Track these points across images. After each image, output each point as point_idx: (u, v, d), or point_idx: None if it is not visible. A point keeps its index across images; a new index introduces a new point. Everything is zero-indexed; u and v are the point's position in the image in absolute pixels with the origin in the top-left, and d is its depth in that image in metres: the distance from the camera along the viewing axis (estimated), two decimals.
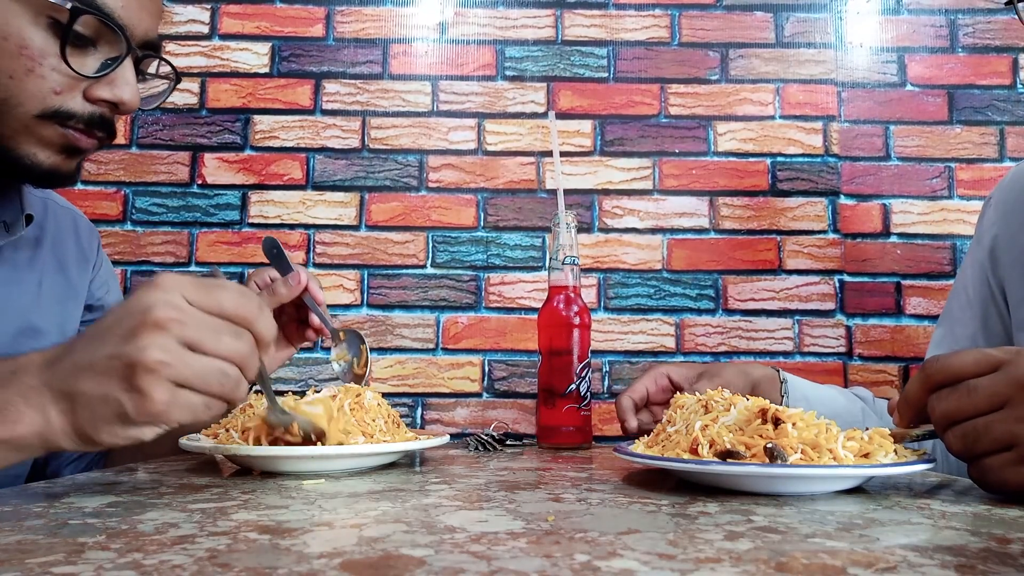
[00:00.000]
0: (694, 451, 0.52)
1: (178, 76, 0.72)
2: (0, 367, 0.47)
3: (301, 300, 0.82)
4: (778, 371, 0.85)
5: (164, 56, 0.69)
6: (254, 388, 0.75)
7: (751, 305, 1.15)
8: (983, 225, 0.87)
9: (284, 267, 0.83)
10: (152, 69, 0.70)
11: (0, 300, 0.73)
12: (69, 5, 0.59)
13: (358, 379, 0.85)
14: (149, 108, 0.70)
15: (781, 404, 0.82)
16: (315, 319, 0.84)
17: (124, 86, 0.63)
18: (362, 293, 1.16)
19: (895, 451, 0.53)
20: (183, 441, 0.66)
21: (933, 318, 1.14)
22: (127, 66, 0.63)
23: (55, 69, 0.60)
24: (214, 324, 0.47)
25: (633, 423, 0.85)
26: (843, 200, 1.18)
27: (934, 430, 0.54)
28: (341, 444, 0.62)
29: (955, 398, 0.50)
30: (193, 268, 1.16)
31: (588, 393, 0.92)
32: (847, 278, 1.16)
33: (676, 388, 0.86)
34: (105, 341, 0.45)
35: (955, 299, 0.90)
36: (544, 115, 1.20)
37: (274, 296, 0.80)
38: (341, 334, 0.87)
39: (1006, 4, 0.72)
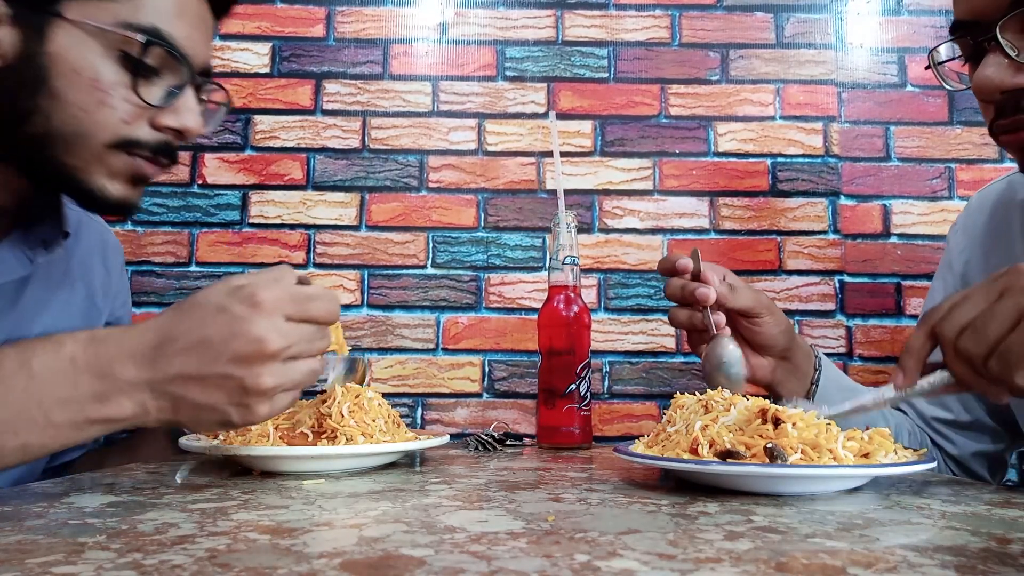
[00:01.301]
0: (694, 451, 0.52)
1: (230, 99, 0.74)
2: (84, 350, 0.48)
3: None
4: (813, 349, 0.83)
5: (218, 83, 0.72)
6: None
7: None
8: (952, 251, 0.89)
9: None
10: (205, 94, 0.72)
11: (31, 316, 0.73)
12: (141, 38, 0.61)
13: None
14: (208, 130, 0.71)
15: (814, 378, 0.80)
16: None
17: (188, 113, 0.65)
18: (362, 293, 1.16)
19: (895, 451, 0.53)
20: (183, 441, 0.66)
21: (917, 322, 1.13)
22: (190, 94, 0.66)
23: (125, 100, 0.61)
24: (309, 334, 0.52)
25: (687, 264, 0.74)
26: (843, 200, 1.18)
27: (941, 369, 0.56)
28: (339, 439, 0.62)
29: (958, 310, 0.53)
30: (193, 268, 1.16)
31: (588, 393, 0.92)
32: (847, 279, 1.16)
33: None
34: (214, 357, 0.49)
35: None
36: (544, 115, 1.20)
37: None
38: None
39: (925, 68, 0.74)
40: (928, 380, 0.57)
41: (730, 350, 0.71)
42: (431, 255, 1.17)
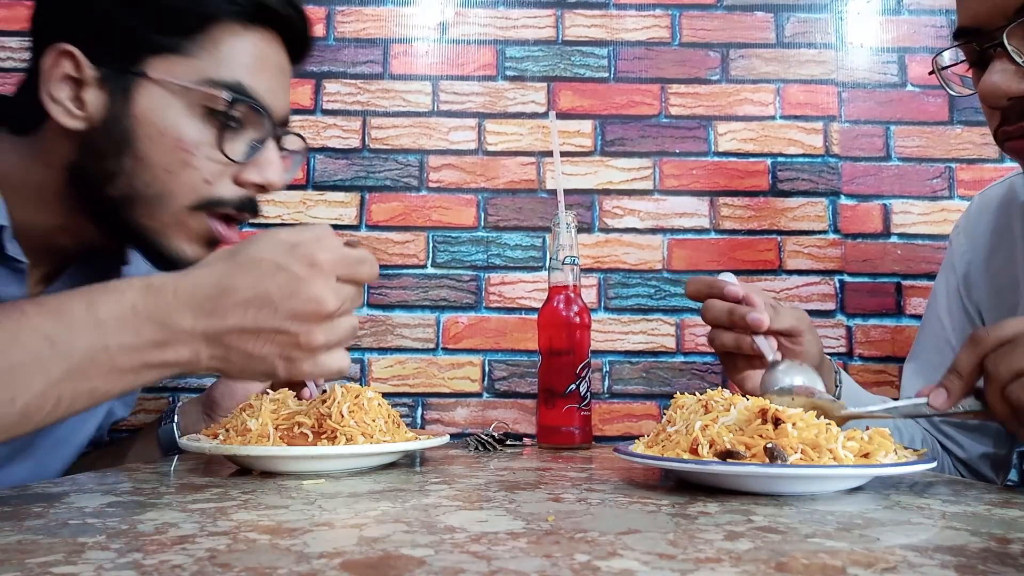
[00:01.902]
0: (694, 451, 0.52)
1: (307, 146, 0.76)
2: (143, 299, 0.49)
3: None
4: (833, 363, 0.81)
5: (296, 131, 0.73)
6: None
7: None
8: (954, 253, 0.89)
9: None
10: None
11: None
12: (225, 95, 0.62)
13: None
14: (283, 184, 0.72)
15: (836, 392, 0.77)
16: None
17: (270, 167, 0.66)
18: (362, 293, 1.16)
19: (895, 451, 0.53)
20: (183, 441, 0.66)
21: (920, 322, 1.13)
22: (272, 147, 0.67)
23: (208, 158, 0.62)
24: (354, 295, 0.54)
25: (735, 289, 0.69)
26: (843, 200, 1.18)
27: (979, 403, 0.54)
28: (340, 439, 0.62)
29: (1019, 351, 0.50)
30: None
31: (588, 393, 0.92)
32: (847, 278, 1.16)
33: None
34: (272, 312, 0.50)
35: (928, 329, 0.91)
36: (544, 115, 1.20)
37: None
38: None
39: (929, 73, 0.73)
40: (964, 405, 0.55)
41: (790, 373, 0.65)
42: (431, 255, 1.17)
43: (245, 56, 0.64)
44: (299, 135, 0.73)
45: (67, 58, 0.61)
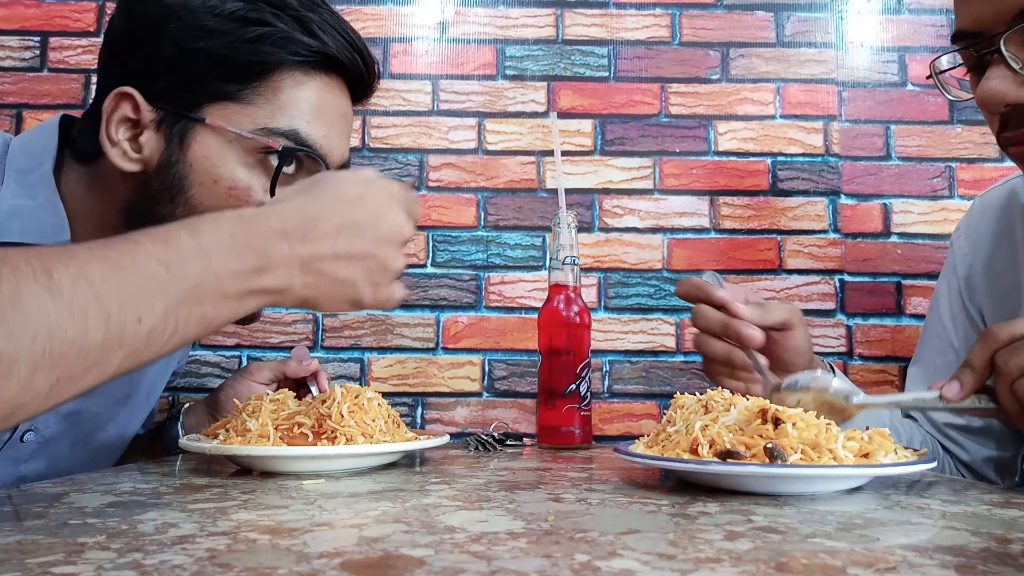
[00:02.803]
0: (694, 451, 0.52)
1: None
2: (238, 227, 0.49)
3: (304, 379, 0.89)
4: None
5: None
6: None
7: None
8: (956, 255, 0.89)
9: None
10: None
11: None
12: (280, 144, 0.62)
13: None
14: None
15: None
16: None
17: None
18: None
19: (895, 451, 0.53)
20: (183, 441, 0.66)
21: (923, 324, 1.13)
22: None
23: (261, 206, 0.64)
24: (412, 229, 0.57)
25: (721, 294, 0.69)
26: (843, 200, 1.18)
27: (992, 396, 0.55)
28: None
29: None
30: None
31: (588, 393, 0.92)
32: (847, 278, 1.16)
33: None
34: (362, 238, 0.53)
35: (931, 332, 0.91)
36: (544, 115, 1.20)
37: (285, 366, 0.88)
38: None
39: (927, 77, 0.73)
40: (974, 400, 0.56)
41: (825, 381, 0.63)
42: (431, 254, 1.17)
43: (304, 104, 0.64)
44: None
45: (127, 100, 0.62)
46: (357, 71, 0.69)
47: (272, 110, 0.63)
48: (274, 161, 0.63)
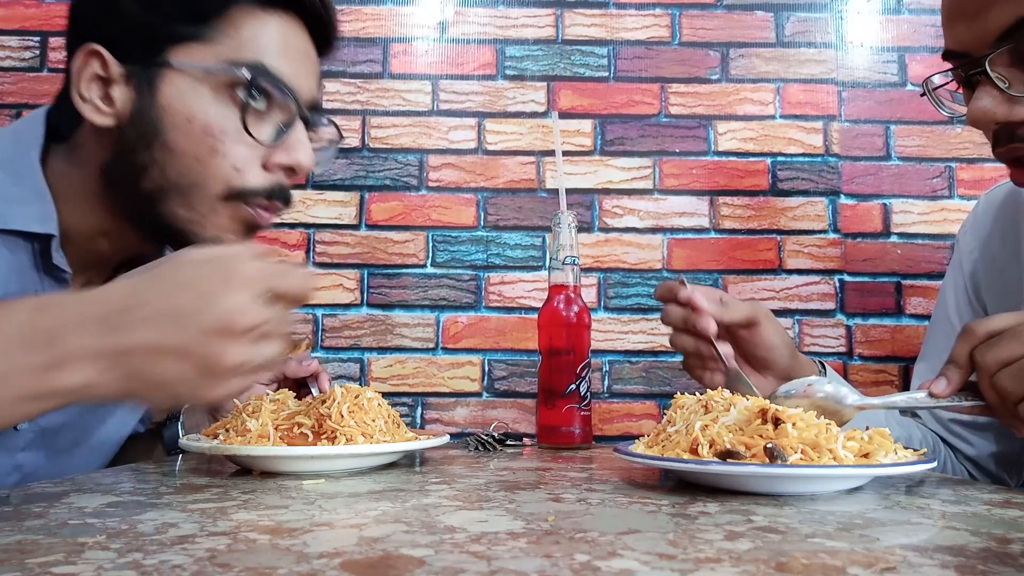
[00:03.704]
0: (694, 451, 0.52)
1: (341, 135, 0.74)
2: (31, 317, 0.45)
3: (305, 380, 0.88)
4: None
5: (330, 118, 0.72)
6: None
7: None
8: (961, 252, 0.90)
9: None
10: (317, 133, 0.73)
11: None
12: (247, 74, 0.62)
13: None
14: (320, 170, 0.71)
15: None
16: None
17: (299, 148, 0.65)
18: (362, 292, 1.16)
19: (895, 451, 0.53)
20: (183, 441, 0.66)
21: (930, 322, 1.13)
22: (300, 128, 0.66)
23: (236, 143, 0.62)
24: (279, 315, 0.49)
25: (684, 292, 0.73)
26: (843, 200, 1.18)
27: (976, 393, 0.56)
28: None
29: (1005, 342, 0.53)
30: None
31: (588, 393, 0.92)
32: (847, 278, 1.16)
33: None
34: (181, 328, 0.46)
35: (938, 328, 0.91)
36: (544, 115, 1.20)
37: (285, 365, 0.87)
38: None
39: (921, 95, 0.74)
40: (960, 396, 0.58)
41: (747, 383, 0.70)
42: (431, 254, 1.17)
43: (266, 39, 0.64)
44: (333, 123, 0.73)
45: (95, 57, 0.62)
46: (315, 11, 0.68)
47: (236, 45, 0.63)
48: (243, 97, 0.62)
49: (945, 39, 0.67)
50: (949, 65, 0.68)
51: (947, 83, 0.71)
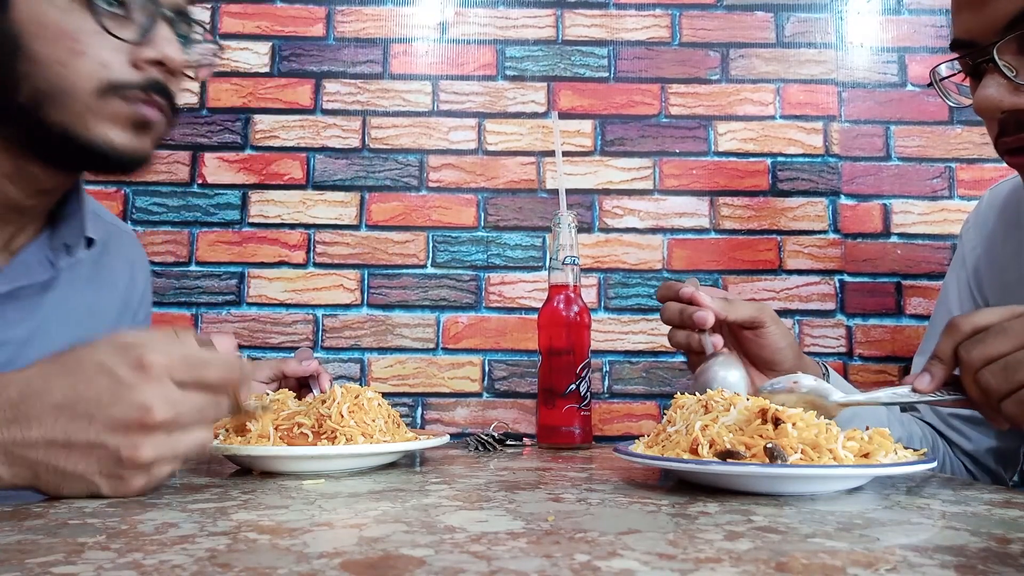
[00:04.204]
0: (694, 451, 0.52)
1: (219, 44, 0.71)
2: None
3: (306, 380, 0.88)
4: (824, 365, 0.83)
5: (199, 21, 0.69)
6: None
7: None
8: (964, 247, 0.90)
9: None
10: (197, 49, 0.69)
11: (52, 321, 0.72)
12: None
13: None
14: (201, 78, 0.69)
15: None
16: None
17: (165, 43, 0.62)
18: (362, 293, 1.16)
19: (895, 451, 0.53)
20: None
21: (931, 316, 1.13)
22: (163, 24, 0.63)
23: (98, 44, 0.60)
24: (200, 403, 0.48)
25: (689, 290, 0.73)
26: (843, 200, 1.18)
27: (960, 388, 0.56)
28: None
29: (990, 339, 0.53)
30: (193, 267, 1.16)
31: (588, 393, 0.92)
32: (847, 278, 1.16)
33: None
34: (87, 421, 0.44)
35: (939, 323, 0.91)
36: (544, 115, 1.20)
37: (284, 364, 0.87)
38: None
39: (927, 84, 0.74)
40: (944, 391, 0.58)
41: (726, 366, 0.71)
42: (431, 255, 1.17)
43: None
44: (203, 26, 0.70)
45: None
46: None
47: None
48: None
49: (953, 28, 0.68)
50: (956, 55, 0.68)
51: (954, 74, 0.71)
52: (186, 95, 1.19)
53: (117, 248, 0.83)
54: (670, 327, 0.76)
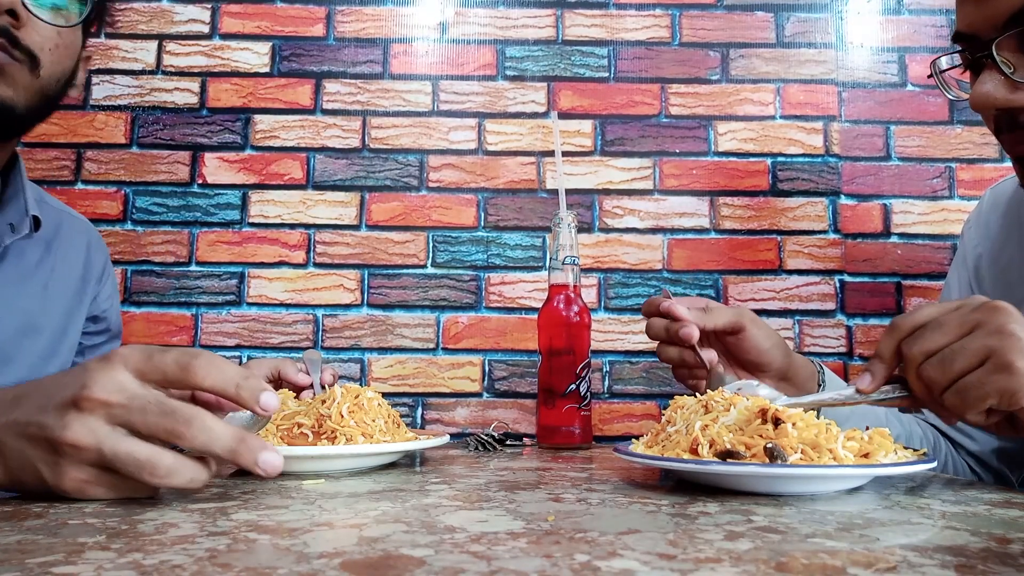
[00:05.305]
0: (694, 451, 0.52)
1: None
2: None
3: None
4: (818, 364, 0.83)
5: None
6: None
7: (751, 305, 1.15)
8: (966, 245, 0.90)
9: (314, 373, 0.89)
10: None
11: (5, 296, 0.74)
12: None
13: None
14: (65, 24, 0.66)
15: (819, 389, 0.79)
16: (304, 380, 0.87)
17: None
18: (362, 293, 1.16)
19: (895, 451, 0.53)
20: None
21: None
22: None
23: None
24: (162, 405, 0.43)
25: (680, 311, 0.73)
26: (843, 200, 1.18)
27: (903, 386, 0.57)
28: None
29: (928, 334, 0.54)
30: (193, 267, 1.16)
31: (588, 393, 0.92)
32: (847, 278, 1.16)
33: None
34: (43, 403, 0.43)
35: None
36: (544, 115, 1.20)
37: (283, 364, 0.86)
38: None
39: (928, 76, 0.74)
40: (888, 389, 0.58)
41: (750, 388, 0.72)
42: (431, 255, 1.17)
43: None
44: None
45: None
46: None
47: None
48: None
49: (957, 19, 0.67)
50: (958, 47, 0.68)
51: (954, 67, 0.72)
52: (184, 95, 1.19)
53: (70, 231, 0.85)
54: (658, 343, 0.77)
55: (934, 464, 0.52)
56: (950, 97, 0.73)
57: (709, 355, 0.74)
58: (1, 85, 0.63)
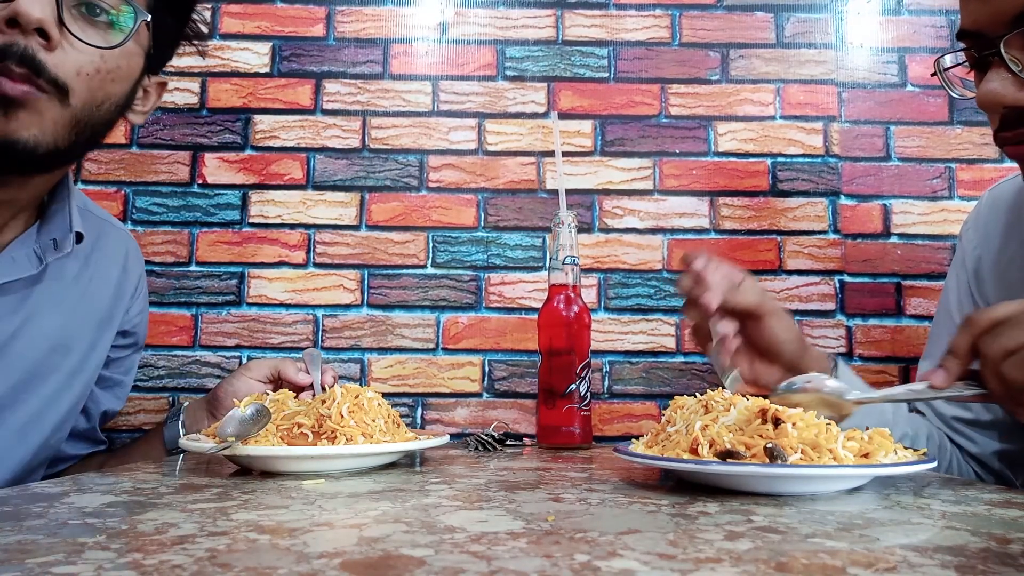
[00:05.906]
0: (694, 451, 0.52)
1: (146, 15, 0.63)
2: None
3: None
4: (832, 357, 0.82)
5: None
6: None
7: None
8: (964, 248, 0.90)
9: (314, 371, 0.89)
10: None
11: (41, 315, 0.72)
12: None
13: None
14: (106, 46, 0.61)
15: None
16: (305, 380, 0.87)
17: None
18: (362, 293, 1.16)
19: (895, 451, 0.53)
20: (183, 441, 0.66)
21: (933, 319, 1.13)
22: None
23: None
24: None
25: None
26: (843, 200, 1.18)
27: (978, 382, 0.56)
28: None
29: (1008, 331, 0.53)
30: (193, 268, 1.16)
31: (588, 393, 0.92)
32: (847, 278, 1.16)
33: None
34: None
35: (941, 326, 0.91)
36: (544, 115, 1.20)
37: (283, 364, 0.86)
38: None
39: (932, 74, 0.74)
40: (961, 386, 0.57)
41: (722, 364, 0.73)
42: (431, 255, 1.17)
43: None
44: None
45: None
46: None
47: None
48: None
49: (962, 17, 0.67)
50: (962, 45, 0.67)
51: (957, 65, 0.71)
52: (184, 95, 1.19)
53: (108, 243, 0.83)
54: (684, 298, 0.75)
55: (934, 464, 0.52)
56: (954, 95, 0.73)
57: (723, 328, 0.72)
58: (23, 122, 0.57)
